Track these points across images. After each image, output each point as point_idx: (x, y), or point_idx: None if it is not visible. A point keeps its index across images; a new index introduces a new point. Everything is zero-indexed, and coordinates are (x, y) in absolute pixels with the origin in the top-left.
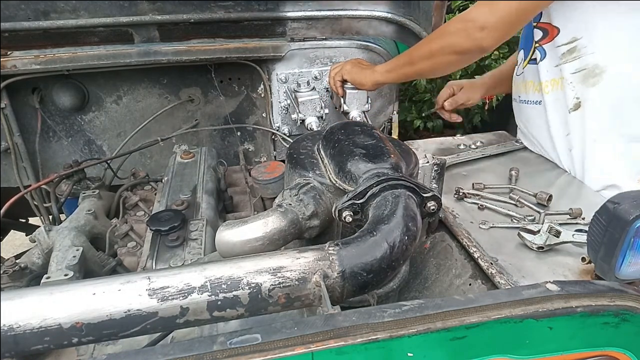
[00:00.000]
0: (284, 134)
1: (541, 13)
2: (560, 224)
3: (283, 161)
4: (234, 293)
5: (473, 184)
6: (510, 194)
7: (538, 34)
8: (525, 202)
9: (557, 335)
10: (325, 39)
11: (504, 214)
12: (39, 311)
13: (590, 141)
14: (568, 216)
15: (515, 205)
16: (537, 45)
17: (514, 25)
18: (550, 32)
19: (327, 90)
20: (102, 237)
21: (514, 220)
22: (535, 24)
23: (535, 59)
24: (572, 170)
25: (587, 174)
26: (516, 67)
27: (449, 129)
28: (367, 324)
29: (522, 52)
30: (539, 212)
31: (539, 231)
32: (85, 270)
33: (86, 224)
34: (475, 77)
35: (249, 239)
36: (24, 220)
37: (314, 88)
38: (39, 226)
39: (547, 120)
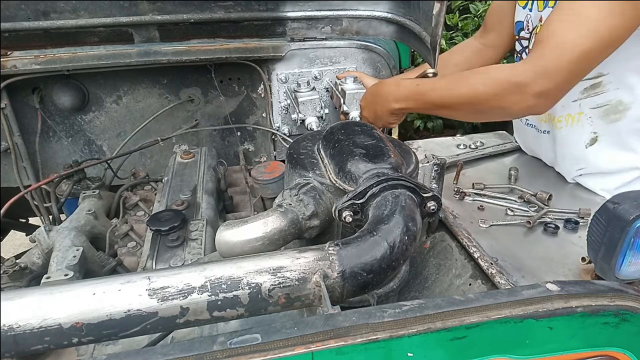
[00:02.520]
0: (284, 134)
1: None
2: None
3: (283, 161)
4: (234, 293)
5: (473, 184)
6: (511, 194)
7: None
8: (529, 192)
9: (557, 335)
10: (325, 39)
11: (504, 212)
12: (39, 311)
13: (604, 171)
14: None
15: (516, 201)
16: None
17: (573, 85)
18: None
19: (327, 90)
20: (102, 237)
21: (515, 215)
22: None
23: None
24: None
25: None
26: None
27: (449, 129)
28: (367, 324)
29: None
30: (542, 208)
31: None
32: (85, 270)
33: (86, 224)
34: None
35: (249, 239)
36: (24, 220)
37: (314, 88)
38: (39, 226)
39: (555, 151)
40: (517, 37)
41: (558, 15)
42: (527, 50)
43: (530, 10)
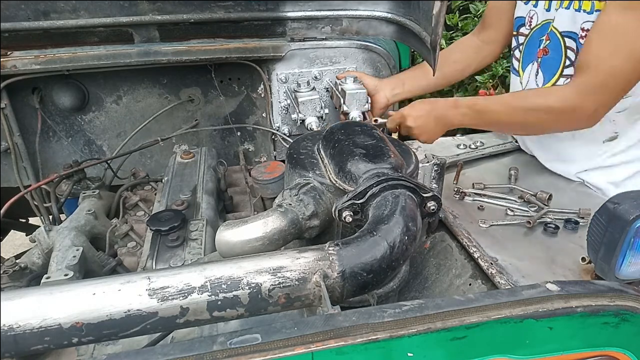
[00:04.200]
0: (284, 134)
1: None
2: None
3: (283, 161)
4: (234, 293)
5: (473, 183)
6: (511, 194)
7: None
8: (529, 192)
9: (557, 335)
10: (325, 39)
11: (504, 212)
12: (39, 311)
13: (616, 164)
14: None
15: (516, 201)
16: None
17: (619, 100)
18: None
19: (327, 90)
20: (102, 237)
21: (515, 215)
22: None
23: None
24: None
25: (608, 192)
26: (524, 86)
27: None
28: (367, 324)
29: (540, 74)
30: (542, 208)
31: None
32: (85, 270)
33: (86, 224)
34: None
35: (249, 239)
36: (24, 220)
37: (314, 88)
38: (39, 226)
39: (570, 147)
40: (515, 32)
41: (597, 38)
42: (521, 47)
43: (535, 6)
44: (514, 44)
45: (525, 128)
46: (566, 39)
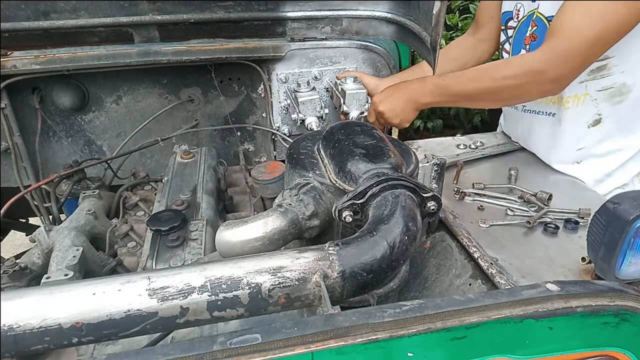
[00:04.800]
0: (284, 134)
1: None
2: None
3: (283, 161)
4: (234, 293)
5: (473, 183)
6: (511, 194)
7: None
8: (529, 192)
9: (557, 335)
10: (325, 39)
11: (504, 212)
12: (39, 311)
13: (605, 153)
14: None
15: (516, 201)
16: None
17: (584, 69)
18: None
19: (327, 90)
20: (102, 237)
21: (515, 215)
22: None
23: None
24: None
25: (599, 183)
26: None
27: (449, 129)
28: (367, 324)
29: None
30: (542, 208)
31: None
32: (85, 270)
33: (86, 224)
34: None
35: (249, 239)
36: (24, 220)
37: (314, 88)
38: (39, 226)
39: (557, 133)
40: (503, 27)
41: (569, 6)
42: (510, 40)
43: None
44: (502, 38)
45: (495, 97)
46: (550, 23)
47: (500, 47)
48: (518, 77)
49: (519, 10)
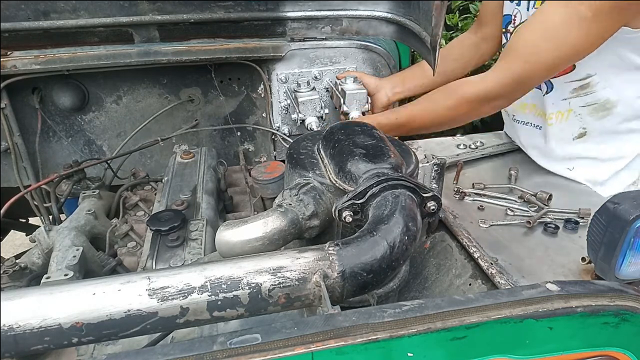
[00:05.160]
0: (284, 134)
1: None
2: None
3: (283, 161)
4: (234, 293)
5: (473, 184)
6: (511, 194)
7: None
8: (529, 192)
9: (557, 335)
10: (325, 39)
11: (504, 212)
12: (39, 311)
13: (596, 162)
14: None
15: (516, 201)
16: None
17: (532, 88)
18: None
19: (327, 90)
20: (102, 237)
21: (515, 215)
22: None
23: (539, 87)
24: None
25: (595, 187)
26: None
27: (449, 129)
28: (367, 324)
29: None
30: (542, 208)
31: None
32: (85, 270)
33: (86, 224)
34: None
35: (249, 239)
36: (24, 220)
37: (314, 88)
38: (39, 226)
39: (545, 144)
40: (504, 30)
41: (530, 26)
42: None
43: (518, 5)
44: (503, 40)
45: (451, 123)
46: None
47: (502, 48)
48: (471, 105)
49: (515, 16)
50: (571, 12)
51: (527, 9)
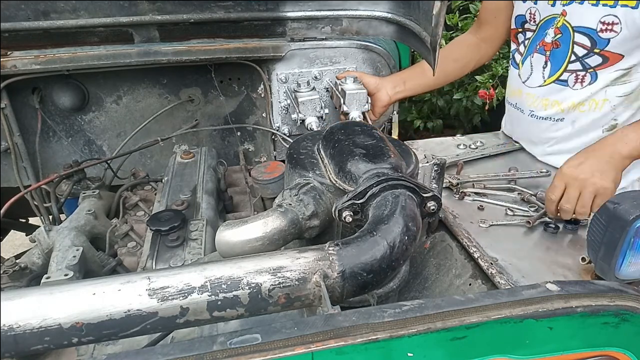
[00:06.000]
0: (284, 134)
1: (608, 40)
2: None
3: (283, 161)
4: (234, 293)
5: (473, 184)
6: (511, 194)
7: (597, 60)
8: (529, 192)
9: (557, 335)
10: (325, 39)
11: (504, 212)
12: (39, 311)
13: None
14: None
15: (516, 201)
16: (591, 70)
17: None
18: (612, 59)
19: (327, 90)
20: (102, 237)
21: (515, 215)
22: (598, 50)
23: (565, 81)
24: None
25: None
26: (528, 78)
27: (449, 129)
28: (367, 324)
29: (548, 66)
30: (542, 208)
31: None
32: (85, 270)
33: (86, 224)
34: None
35: (249, 239)
36: (24, 220)
37: (314, 88)
38: (39, 226)
39: (565, 137)
40: (519, 29)
41: None
42: (526, 42)
43: (535, 3)
44: (521, 38)
45: None
46: (577, 34)
47: (516, 47)
48: None
49: (533, 14)
50: None
51: (553, 5)
